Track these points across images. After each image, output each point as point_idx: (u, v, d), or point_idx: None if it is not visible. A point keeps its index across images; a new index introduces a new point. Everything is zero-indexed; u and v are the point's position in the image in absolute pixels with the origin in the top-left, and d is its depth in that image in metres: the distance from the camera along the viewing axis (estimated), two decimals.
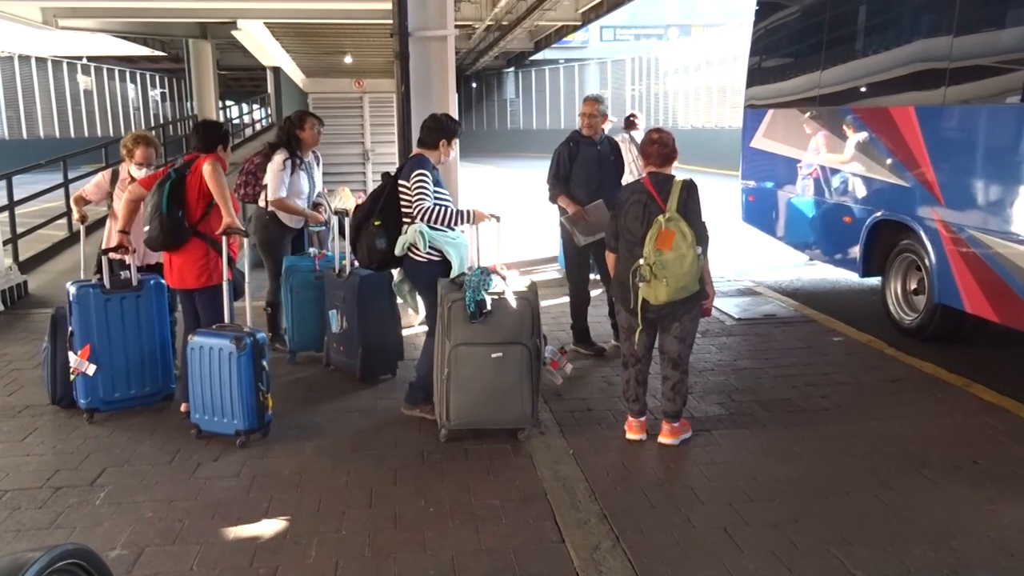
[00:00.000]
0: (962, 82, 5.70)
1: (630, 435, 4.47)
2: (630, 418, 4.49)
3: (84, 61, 29.82)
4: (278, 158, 5.80)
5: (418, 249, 4.56)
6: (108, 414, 4.87)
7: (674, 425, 4.41)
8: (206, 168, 4.54)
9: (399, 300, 5.15)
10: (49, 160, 12.65)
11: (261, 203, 5.97)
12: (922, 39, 6.22)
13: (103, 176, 5.55)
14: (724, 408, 4.92)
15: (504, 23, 23.79)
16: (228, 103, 40.62)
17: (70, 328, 4.78)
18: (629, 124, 8.93)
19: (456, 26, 9.02)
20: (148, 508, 3.76)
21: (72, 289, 4.78)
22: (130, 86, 34.39)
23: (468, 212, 4.69)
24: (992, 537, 3.39)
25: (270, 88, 25.43)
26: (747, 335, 6.46)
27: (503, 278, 4.42)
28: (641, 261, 4.14)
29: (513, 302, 4.31)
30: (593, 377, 5.50)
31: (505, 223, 4.83)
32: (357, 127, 16.67)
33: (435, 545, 3.41)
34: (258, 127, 32.60)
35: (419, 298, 4.87)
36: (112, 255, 4.86)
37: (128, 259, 4.88)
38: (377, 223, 4.52)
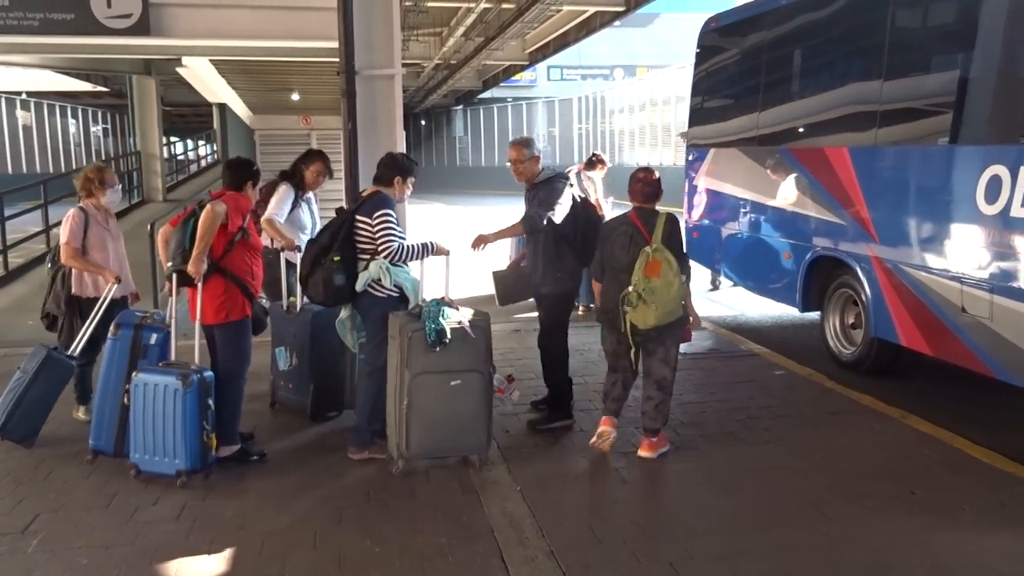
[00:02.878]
0: (892, 124, 5.93)
1: (602, 428, 4.68)
2: (605, 417, 4.72)
3: (23, 96, 29.22)
4: (283, 188, 5.75)
5: (381, 285, 4.56)
6: (41, 458, 4.74)
7: (653, 440, 4.65)
8: (207, 208, 4.49)
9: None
10: None
11: (264, 241, 5.77)
12: (853, 83, 6.46)
13: (72, 218, 5.19)
14: (670, 442, 4.96)
15: (453, 62, 24.10)
16: (173, 139, 40.14)
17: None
18: (591, 164, 9.05)
19: (404, 65, 9.10)
20: (83, 555, 3.64)
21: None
22: (71, 121, 33.72)
23: (431, 244, 4.74)
24: (928, 566, 3.47)
25: (216, 124, 25.22)
26: (692, 369, 6.55)
27: (456, 308, 4.48)
28: (629, 288, 4.41)
29: (471, 331, 4.39)
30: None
31: (454, 258, 4.88)
32: None
33: None
34: (203, 163, 32.28)
35: (356, 335, 4.85)
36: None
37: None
38: (337, 259, 4.47)
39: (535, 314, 5.51)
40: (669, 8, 32.32)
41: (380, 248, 4.52)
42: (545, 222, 5.01)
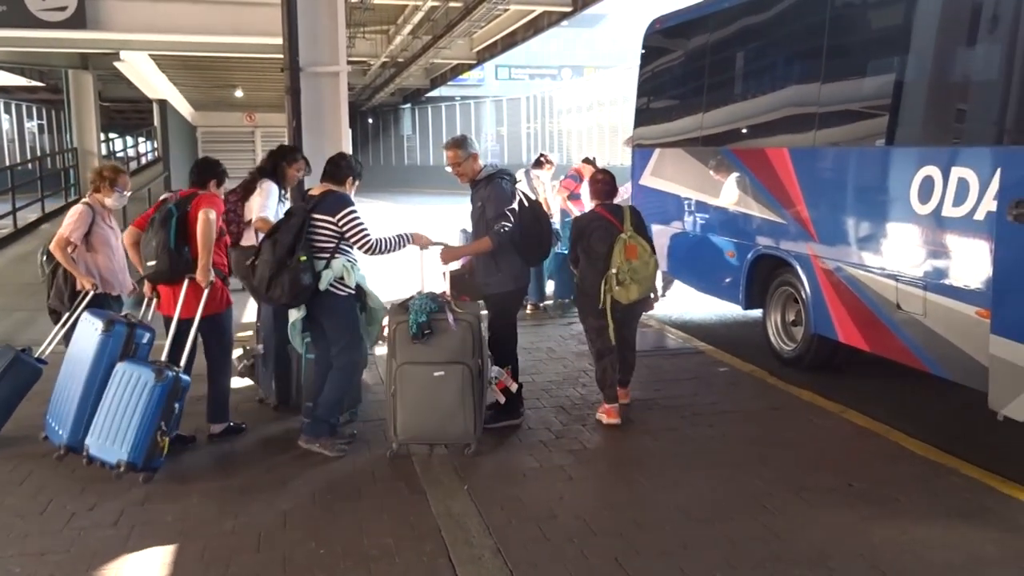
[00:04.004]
0: (830, 126, 6.07)
1: (609, 421, 5.19)
2: (607, 405, 5.24)
3: None
4: (269, 185, 5.59)
5: (344, 284, 4.61)
6: None
7: (625, 390, 5.50)
8: (200, 216, 4.69)
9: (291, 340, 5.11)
10: None
11: (245, 242, 5.68)
12: (793, 85, 6.60)
13: (80, 214, 5.23)
14: (615, 439, 5.01)
15: (400, 60, 23.95)
16: (112, 136, 39.12)
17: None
18: (538, 164, 9.11)
19: (351, 62, 9.04)
20: (16, 563, 3.53)
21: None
22: (4, 117, 32.65)
23: (407, 236, 4.84)
24: (865, 555, 3.56)
25: (156, 121, 24.64)
26: (637, 367, 6.58)
27: (448, 302, 4.59)
28: (613, 271, 5.03)
29: (454, 325, 4.51)
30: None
31: (405, 257, 4.93)
32: (249, 161, 16.42)
33: None
34: (144, 160, 31.52)
35: (300, 338, 4.86)
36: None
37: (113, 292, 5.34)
38: (303, 258, 4.47)
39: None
40: (616, 9, 32.65)
41: (357, 243, 4.60)
42: (507, 228, 4.92)
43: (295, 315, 4.79)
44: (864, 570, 3.45)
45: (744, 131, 7.29)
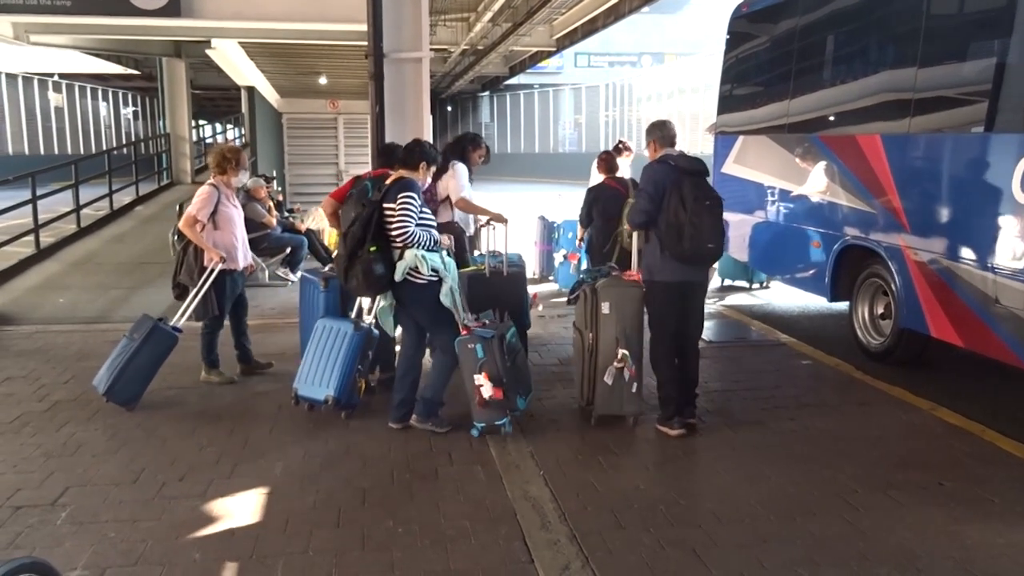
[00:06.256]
0: (926, 112, 5.83)
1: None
2: None
3: (55, 78, 29.53)
4: (460, 166, 5.99)
5: (420, 273, 4.62)
6: (71, 432, 4.82)
7: None
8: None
9: (372, 323, 5.19)
10: (17, 176, 12.47)
11: (441, 219, 5.72)
12: (887, 70, 6.35)
13: (207, 195, 5.57)
14: (697, 429, 4.93)
15: (479, 47, 23.98)
16: (201, 122, 40.37)
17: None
18: (617, 150, 9.05)
19: (431, 50, 9.08)
20: (111, 528, 3.69)
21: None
22: (102, 104, 34.07)
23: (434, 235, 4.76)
24: (957, 558, 3.42)
25: (244, 108, 25.27)
26: (718, 358, 6.51)
27: (611, 276, 4.96)
28: (625, 227, 6.05)
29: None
30: (563, 398, 5.49)
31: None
32: (331, 148, 16.71)
33: (403, 565, 3.38)
34: None
35: (391, 321, 4.94)
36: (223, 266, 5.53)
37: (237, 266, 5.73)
38: (373, 249, 4.52)
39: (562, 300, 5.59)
40: None
41: (394, 231, 4.54)
42: (642, 216, 4.77)
43: (382, 301, 4.87)
44: (955, 573, 3.32)
45: (833, 118, 7.06)
